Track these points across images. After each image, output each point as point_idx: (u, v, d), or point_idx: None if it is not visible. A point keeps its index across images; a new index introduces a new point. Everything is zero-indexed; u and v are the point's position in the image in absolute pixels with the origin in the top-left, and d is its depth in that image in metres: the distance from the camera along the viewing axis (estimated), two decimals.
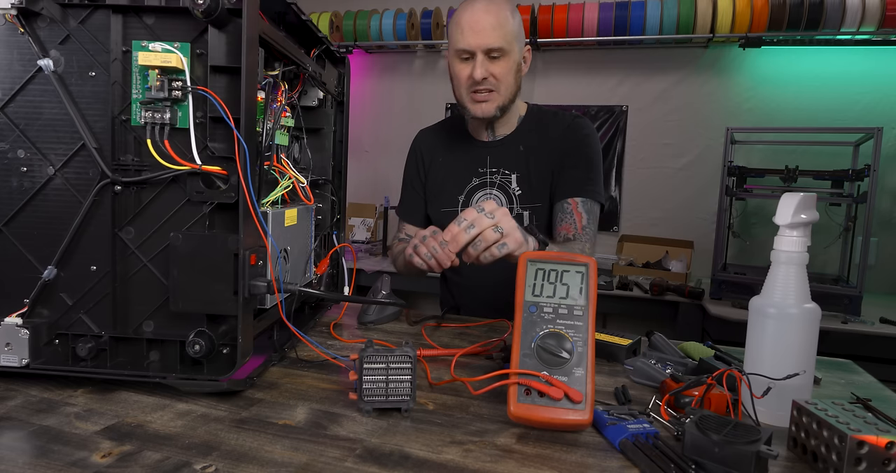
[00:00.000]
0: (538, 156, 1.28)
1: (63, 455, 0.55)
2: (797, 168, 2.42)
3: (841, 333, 2.09)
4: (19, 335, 0.69)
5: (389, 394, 0.66)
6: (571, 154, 1.27)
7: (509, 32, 1.19)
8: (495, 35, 1.17)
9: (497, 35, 1.17)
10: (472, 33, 1.18)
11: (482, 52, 1.18)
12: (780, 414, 0.66)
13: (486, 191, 1.31)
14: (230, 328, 0.71)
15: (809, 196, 0.69)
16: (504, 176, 1.30)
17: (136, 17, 0.69)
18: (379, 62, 3.49)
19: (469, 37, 1.18)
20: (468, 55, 1.20)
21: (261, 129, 0.76)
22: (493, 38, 1.17)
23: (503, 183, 1.30)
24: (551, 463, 0.57)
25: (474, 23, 1.18)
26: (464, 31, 1.19)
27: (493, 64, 1.19)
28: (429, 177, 1.40)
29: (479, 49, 1.17)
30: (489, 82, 1.20)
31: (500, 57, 1.19)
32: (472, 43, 1.18)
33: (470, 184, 1.32)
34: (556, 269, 0.71)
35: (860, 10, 2.49)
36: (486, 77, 1.19)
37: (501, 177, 1.30)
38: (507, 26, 1.19)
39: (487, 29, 1.17)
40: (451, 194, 1.34)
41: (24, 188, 0.71)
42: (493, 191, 1.30)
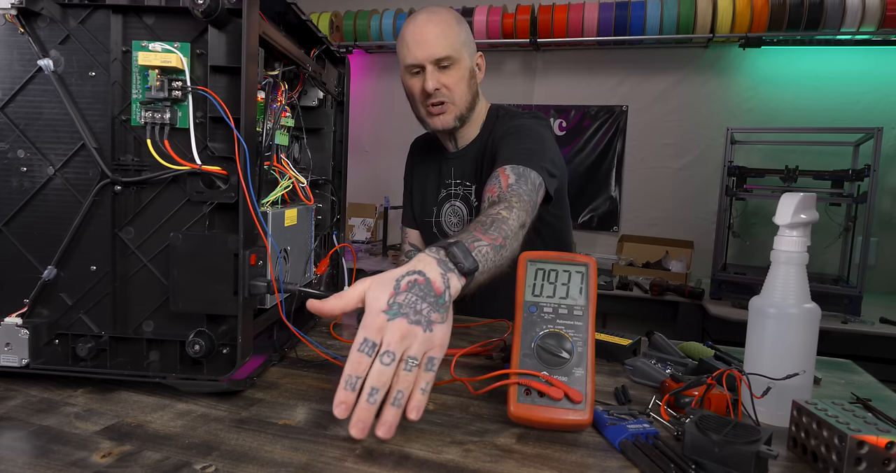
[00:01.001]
0: (488, 162, 1.20)
1: (63, 455, 0.55)
2: (797, 168, 2.42)
3: (841, 333, 2.10)
4: (19, 335, 0.69)
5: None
6: (506, 138, 1.16)
7: (455, 41, 1.18)
8: (441, 45, 1.16)
9: (443, 44, 1.17)
10: (417, 46, 1.17)
11: (430, 63, 1.17)
12: (780, 414, 0.66)
13: (451, 203, 1.33)
14: (230, 328, 0.71)
15: (809, 196, 0.69)
16: (466, 187, 1.31)
17: (136, 17, 0.69)
18: (379, 62, 3.49)
19: (415, 50, 1.17)
20: (418, 69, 1.19)
21: (261, 129, 0.76)
22: (439, 48, 1.16)
23: (465, 194, 1.31)
24: (551, 463, 0.57)
25: (418, 35, 1.17)
26: (409, 46, 1.18)
27: (444, 74, 1.18)
28: (414, 186, 1.44)
29: (427, 61, 1.17)
30: (442, 94, 1.19)
31: (450, 66, 1.18)
32: (418, 56, 1.17)
33: (440, 196, 1.34)
34: (556, 269, 0.71)
35: (860, 10, 2.50)
36: (437, 88, 1.18)
37: (464, 189, 1.31)
38: (453, 35, 1.18)
39: (432, 39, 1.16)
40: (427, 205, 1.37)
41: (24, 188, 0.71)
42: (457, 202, 1.32)
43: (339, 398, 0.56)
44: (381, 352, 0.57)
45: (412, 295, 0.59)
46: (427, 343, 0.58)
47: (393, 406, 0.57)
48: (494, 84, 3.23)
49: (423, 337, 0.58)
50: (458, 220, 1.32)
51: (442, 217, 1.34)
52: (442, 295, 0.61)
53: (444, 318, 0.61)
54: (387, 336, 0.57)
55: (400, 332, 0.57)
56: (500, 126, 1.25)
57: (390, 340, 0.57)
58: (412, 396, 0.57)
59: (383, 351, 0.57)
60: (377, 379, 0.56)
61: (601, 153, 3.17)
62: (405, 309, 0.58)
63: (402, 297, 0.59)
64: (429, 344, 0.59)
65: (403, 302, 0.59)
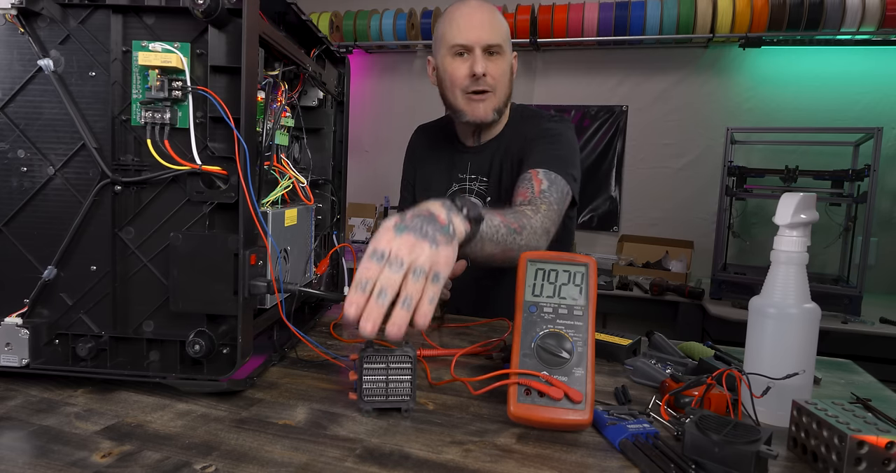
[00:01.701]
0: (511, 161, 1.22)
1: (63, 455, 0.55)
2: (797, 168, 2.42)
3: (841, 333, 2.10)
4: (19, 335, 0.69)
5: (389, 394, 0.66)
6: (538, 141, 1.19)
7: (504, 32, 1.16)
8: (493, 31, 1.14)
9: (496, 31, 1.14)
10: (469, 27, 1.13)
11: (480, 47, 1.13)
12: (780, 414, 0.66)
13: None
14: (230, 328, 0.71)
15: (809, 196, 0.69)
16: (482, 182, 1.28)
17: (136, 17, 0.69)
18: (379, 62, 3.49)
19: (466, 31, 1.13)
20: (464, 50, 1.15)
21: (261, 129, 0.76)
22: (492, 34, 1.14)
23: (480, 190, 1.28)
24: (551, 463, 0.57)
25: (470, 17, 1.14)
26: (460, 26, 1.14)
27: (491, 62, 1.15)
28: (417, 176, 1.37)
29: (478, 44, 1.13)
30: (486, 82, 1.15)
31: (498, 55, 1.15)
32: (470, 37, 1.13)
33: (450, 190, 1.30)
34: (556, 269, 0.71)
35: (860, 10, 2.50)
36: (485, 73, 1.14)
37: (479, 184, 1.28)
38: (503, 26, 1.16)
39: (486, 24, 1.13)
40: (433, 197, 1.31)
41: (24, 188, 0.71)
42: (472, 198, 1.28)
43: (351, 298, 0.58)
44: (390, 260, 0.59)
45: (417, 220, 0.62)
46: (433, 257, 0.60)
47: (402, 308, 0.58)
48: None
49: (430, 252, 0.60)
50: None
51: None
52: (446, 227, 0.63)
53: (450, 242, 0.62)
54: (394, 246, 0.59)
55: (408, 244, 0.60)
56: (529, 126, 1.25)
57: (398, 250, 0.59)
58: (420, 304, 0.58)
59: (392, 258, 0.59)
60: (386, 282, 0.58)
61: (601, 153, 3.17)
62: (412, 228, 0.61)
63: (408, 221, 0.62)
64: (434, 259, 0.60)
65: (410, 224, 0.61)
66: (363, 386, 0.66)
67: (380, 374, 0.66)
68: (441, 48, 1.19)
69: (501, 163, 1.25)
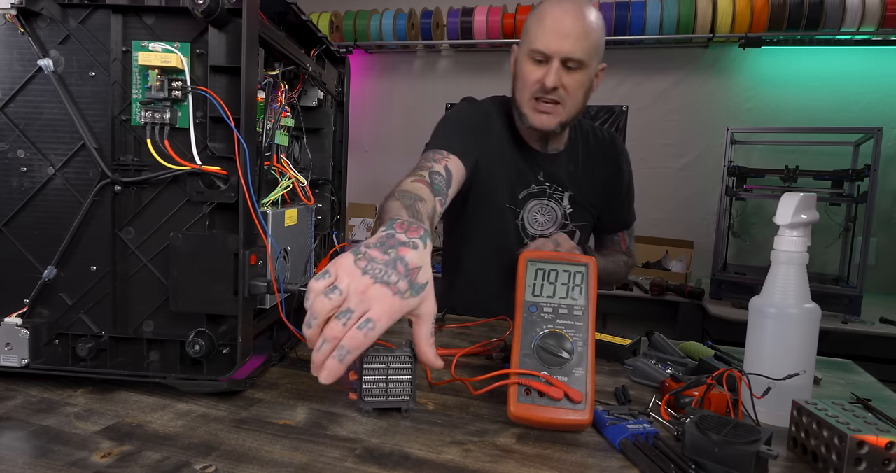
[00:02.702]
0: (587, 179, 1.29)
1: (63, 455, 0.55)
2: (797, 168, 2.42)
3: (841, 333, 2.10)
4: (19, 335, 0.69)
5: (389, 394, 0.66)
6: (617, 187, 1.33)
7: (592, 46, 1.10)
8: (579, 45, 1.08)
9: (581, 45, 1.08)
10: (554, 35, 1.07)
11: (560, 58, 1.08)
12: (780, 414, 0.66)
13: (541, 202, 1.27)
14: (230, 328, 0.71)
15: (809, 196, 0.69)
16: (556, 191, 1.27)
17: (136, 17, 0.69)
18: (379, 62, 3.49)
19: (550, 38, 1.08)
20: (543, 58, 1.10)
21: (261, 129, 0.76)
22: (576, 48, 1.08)
23: (556, 197, 1.28)
24: (551, 463, 0.57)
25: (560, 24, 1.08)
26: (546, 31, 1.08)
27: (568, 74, 1.10)
28: (481, 151, 1.19)
29: (558, 55, 1.08)
30: (558, 93, 1.11)
31: (577, 69, 1.10)
32: (551, 46, 1.08)
33: (528, 189, 1.26)
34: (556, 269, 0.71)
35: (860, 10, 2.50)
36: (556, 87, 1.10)
37: (554, 191, 1.28)
38: (593, 39, 1.10)
39: (573, 36, 1.07)
40: (500, 192, 1.24)
41: (24, 188, 0.71)
42: (550, 203, 1.28)
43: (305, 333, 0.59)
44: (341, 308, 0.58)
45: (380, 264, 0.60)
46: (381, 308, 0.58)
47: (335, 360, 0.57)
48: (494, 84, 3.23)
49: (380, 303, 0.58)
50: (546, 219, 1.27)
51: (526, 213, 1.27)
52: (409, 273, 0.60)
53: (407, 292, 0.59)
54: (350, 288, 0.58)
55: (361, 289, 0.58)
56: (600, 144, 1.32)
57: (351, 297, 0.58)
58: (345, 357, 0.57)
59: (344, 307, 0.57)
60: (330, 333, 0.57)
61: None
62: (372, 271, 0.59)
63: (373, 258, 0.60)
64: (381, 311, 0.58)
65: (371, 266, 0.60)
66: (363, 386, 0.66)
67: (380, 374, 0.66)
68: (523, 45, 1.15)
69: (578, 179, 1.28)
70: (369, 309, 0.57)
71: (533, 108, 1.15)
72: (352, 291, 0.57)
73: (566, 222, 1.28)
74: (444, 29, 3.12)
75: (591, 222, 1.33)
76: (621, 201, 1.36)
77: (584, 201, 1.30)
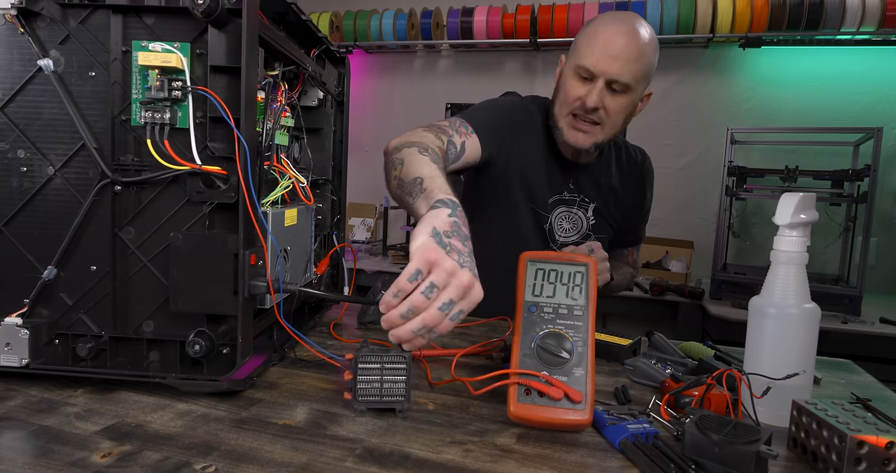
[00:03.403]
0: (613, 196, 1.30)
1: (63, 455, 0.55)
2: (797, 168, 2.42)
3: (841, 333, 2.09)
4: (19, 335, 0.69)
5: (384, 394, 0.66)
6: (639, 205, 1.35)
7: (641, 71, 1.07)
8: (628, 68, 1.05)
9: (630, 69, 1.05)
10: (604, 55, 1.05)
11: (605, 79, 1.06)
12: (780, 414, 0.66)
13: (568, 210, 1.27)
14: (230, 328, 0.71)
15: (809, 196, 0.69)
16: (584, 201, 1.28)
17: (136, 17, 0.69)
18: (379, 62, 3.49)
19: (599, 58, 1.05)
20: (588, 75, 1.07)
21: (261, 129, 0.76)
22: (624, 71, 1.05)
23: (583, 207, 1.28)
24: (551, 463, 0.57)
25: (613, 45, 1.04)
26: (595, 49, 1.05)
27: (611, 97, 1.08)
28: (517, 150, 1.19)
29: (604, 76, 1.05)
30: (598, 114, 1.09)
31: (621, 93, 1.07)
32: (599, 66, 1.05)
33: (558, 196, 1.26)
34: (556, 269, 0.71)
35: (860, 10, 2.50)
36: (598, 108, 1.07)
37: (581, 201, 1.28)
38: (644, 63, 1.07)
39: (623, 59, 1.04)
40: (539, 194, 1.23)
41: (24, 188, 0.71)
42: (577, 211, 1.28)
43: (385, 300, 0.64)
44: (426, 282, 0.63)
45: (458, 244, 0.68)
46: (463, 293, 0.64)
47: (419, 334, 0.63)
48: (494, 84, 3.23)
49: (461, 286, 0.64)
50: (572, 227, 1.28)
51: (552, 219, 1.27)
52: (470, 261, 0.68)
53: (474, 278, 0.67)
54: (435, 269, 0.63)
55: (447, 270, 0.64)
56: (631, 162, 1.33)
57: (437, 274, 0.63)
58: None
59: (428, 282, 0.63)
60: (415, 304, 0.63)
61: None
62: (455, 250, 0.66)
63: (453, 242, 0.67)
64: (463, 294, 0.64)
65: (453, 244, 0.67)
66: (357, 386, 0.66)
67: (374, 374, 0.66)
68: (570, 59, 1.12)
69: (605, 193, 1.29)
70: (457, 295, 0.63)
71: (570, 125, 1.13)
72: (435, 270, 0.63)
73: (589, 233, 1.29)
74: (444, 29, 3.12)
75: (611, 235, 1.34)
76: (639, 219, 1.39)
77: (607, 215, 1.31)
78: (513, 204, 1.23)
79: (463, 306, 0.64)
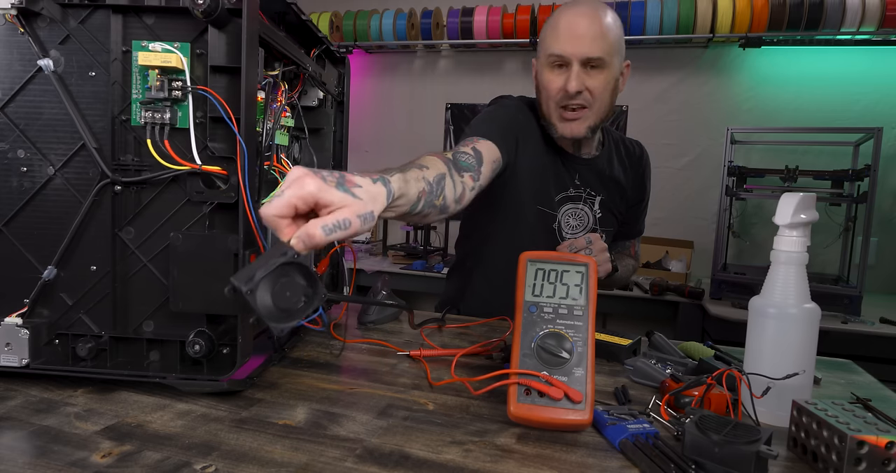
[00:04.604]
0: (618, 187, 1.31)
1: (63, 455, 0.55)
2: (797, 168, 2.42)
3: (841, 333, 2.09)
4: (19, 335, 0.69)
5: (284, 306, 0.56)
6: (640, 197, 1.37)
7: (612, 43, 1.08)
8: (597, 44, 1.06)
9: (599, 44, 1.06)
10: (570, 38, 1.06)
11: (579, 61, 1.07)
12: (780, 414, 0.66)
13: (574, 206, 1.27)
14: (230, 328, 0.71)
15: (809, 196, 0.69)
16: (590, 195, 1.28)
17: (136, 17, 0.69)
18: (379, 62, 3.49)
19: (566, 42, 1.07)
20: (562, 62, 1.09)
21: (261, 129, 0.76)
22: (594, 47, 1.06)
23: (589, 201, 1.28)
24: (551, 463, 0.57)
25: (575, 26, 1.07)
26: (561, 35, 1.08)
27: (590, 76, 1.09)
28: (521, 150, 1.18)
29: (577, 58, 1.07)
30: (583, 97, 1.10)
31: (599, 69, 1.09)
32: (568, 49, 1.07)
33: (565, 193, 1.26)
34: (556, 269, 0.71)
35: (860, 10, 2.50)
36: (580, 91, 1.08)
37: (587, 195, 1.28)
38: (611, 36, 1.08)
39: (589, 36, 1.06)
40: (546, 193, 1.24)
41: (24, 188, 0.71)
42: (583, 207, 1.28)
43: None
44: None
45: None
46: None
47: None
48: (494, 84, 3.23)
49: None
50: (578, 224, 1.28)
51: (560, 216, 1.27)
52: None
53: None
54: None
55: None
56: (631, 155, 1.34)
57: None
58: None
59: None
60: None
61: None
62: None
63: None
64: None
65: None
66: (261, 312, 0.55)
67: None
68: (540, 54, 1.14)
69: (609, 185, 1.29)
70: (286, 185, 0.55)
71: (560, 117, 1.14)
72: (288, 179, 0.56)
73: (595, 227, 1.29)
74: (444, 29, 3.12)
75: (616, 228, 1.35)
76: (641, 211, 1.41)
77: (613, 207, 1.31)
78: (522, 206, 1.24)
79: (288, 190, 0.55)
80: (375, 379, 0.79)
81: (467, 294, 1.33)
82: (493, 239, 1.28)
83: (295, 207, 0.55)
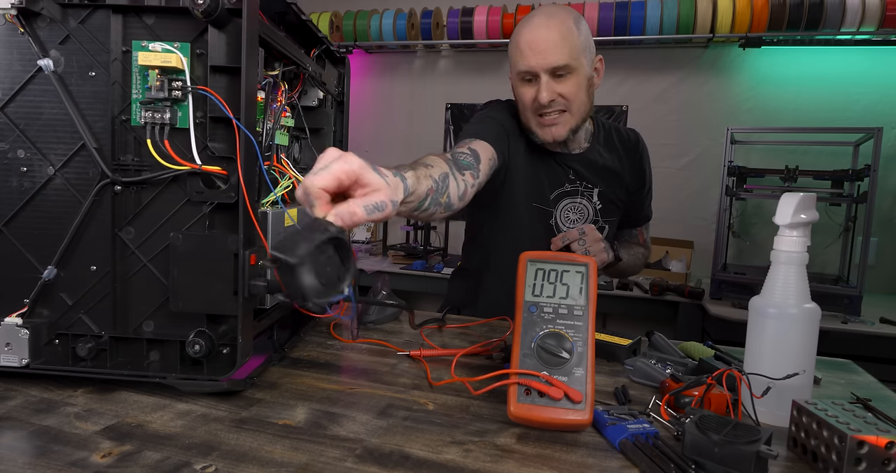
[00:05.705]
0: (615, 176, 1.30)
1: (63, 455, 0.55)
2: (797, 168, 2.42)
3: (841, 333, 2.09)
4: (19, 335, 0.69)
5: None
6: (640, 183, 1.36)
7: (575, 47, 1.10)
8: (559, 52, 1.08)
9: (561, 52, 1.08)
10: (532, 53, 1.09)
11: (546, 72, 1.09)
12: (780, 414, 0.66)
13: (573, 200, 1.28)
14: (230, 328, 0.71)
15: (809, 196, 0.69)
16: (587, 188, 1.28)
17: (136, 17, 0.69)
18: (379, 62, 3.49)
19: (529, 57, 1.09)
20: (531, 76, 1.12)
21: (261, 129, 0.76)
22: (557, 56, 1.08)
23: (587, 194, 1.29)
24: (551, 463, 0.57)
25: (534, 41, 1.09)
26: (523, 51, 1.10)
27: (560, 83, 1.11)
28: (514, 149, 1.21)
29: (542, 69, 1.09)
30: (558, 103, 1.13)
31: (567, 74, 1.11)
32: (532, 63, 1.09)
33: (561, 189, 1.27)
34: (556, 269, 0.71)
35: (860, 10, 2.49)
36: (553, 99, 1.11)
37: (584, 189, 1.29)
38: (572, 40, 1.09)
39: (549, 47, 1.08)
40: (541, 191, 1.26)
41: (24, 188, 0.71)
42: (582, 200, 1.28)
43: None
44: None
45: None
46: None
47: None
48: (494, 84, 3.23)
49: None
50: (578, 218, 1.29)
51: (558, 213, 1.29)
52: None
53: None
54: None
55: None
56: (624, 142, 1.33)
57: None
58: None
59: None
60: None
61: None
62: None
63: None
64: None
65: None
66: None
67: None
68: (511, 70, 1.17)
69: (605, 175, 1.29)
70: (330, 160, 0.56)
71: (538, 125, 1.16)
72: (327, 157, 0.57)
73: (597, 218, 1.30)
74: (444, 29, 3.12)
75: (619, 217, 1.35)
76: (643, 197, 1.39)
77: (613, 196, 1.31)
78: (517, 205, 1.25)
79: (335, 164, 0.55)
80: (375, 379, 0.79)
81: (479, 296, 1.33)
82: (497, 240, 1.29)
83: (339, 181, 0.55)
